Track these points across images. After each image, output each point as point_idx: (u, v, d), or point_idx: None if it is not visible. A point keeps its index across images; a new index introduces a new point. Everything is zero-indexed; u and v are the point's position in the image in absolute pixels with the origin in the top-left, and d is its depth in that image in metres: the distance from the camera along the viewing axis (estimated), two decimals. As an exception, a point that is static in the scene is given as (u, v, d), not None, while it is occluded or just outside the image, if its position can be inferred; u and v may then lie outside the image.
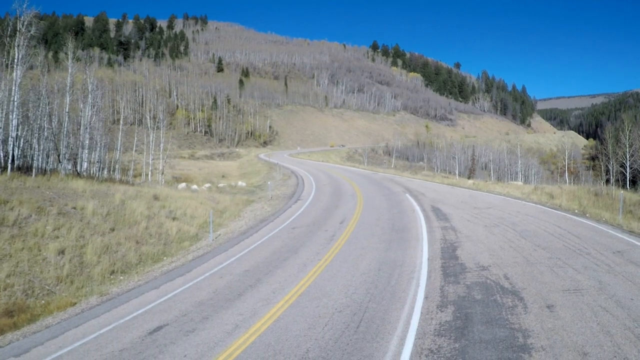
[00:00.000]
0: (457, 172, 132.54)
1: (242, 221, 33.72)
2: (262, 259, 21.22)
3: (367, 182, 57.37)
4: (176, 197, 39.13)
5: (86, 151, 50.91)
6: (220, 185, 60.54)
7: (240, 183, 61.86)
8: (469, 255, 19.19)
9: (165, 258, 24.48)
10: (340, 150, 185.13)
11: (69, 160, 41.40)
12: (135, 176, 73.59)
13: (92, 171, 55.62)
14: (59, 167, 40.90)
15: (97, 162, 54.57)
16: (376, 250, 21.05)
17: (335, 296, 15.09)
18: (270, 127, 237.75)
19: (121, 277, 21.22)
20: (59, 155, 41.78)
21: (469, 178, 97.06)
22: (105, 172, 64.29)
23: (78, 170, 42.24)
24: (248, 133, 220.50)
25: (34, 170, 34.64)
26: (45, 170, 38.49)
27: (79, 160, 46.06)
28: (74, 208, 26.95)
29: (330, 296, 15.14)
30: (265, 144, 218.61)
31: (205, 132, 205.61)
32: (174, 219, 31.50)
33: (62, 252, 21.73)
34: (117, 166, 64.76)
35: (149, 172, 69.96)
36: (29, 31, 37.61)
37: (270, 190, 48.46)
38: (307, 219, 31.71)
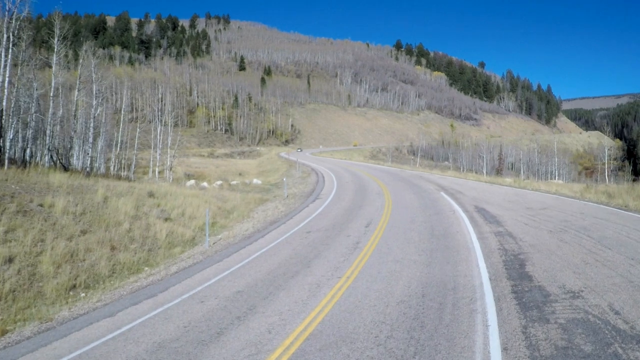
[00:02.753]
0: (484, 172, 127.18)
1: (249, 223, 28.53)
2: (262, 274, 15.97)
3: (394, 179, 51.96)
4: (177, 194, 34.13)
5: (89, 144, 46.53)
6: (233, 182, 55.55)
7: (255, 181, 56.80)
8: (545, 274, 13.86)
9: (145, 269, 19.51)
10: (363, 149, 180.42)
11: (51, 150, 36.53)
12: (145, 173, 69.25)
13: (95, 166, 51.45)
14: (44, 158, 36.40)
15: (89, 155, 49.90)
16: (415, 264, 15.71)
17: (361, 342, 9.78)
18: (292, 125, 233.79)
19: (82, 294, 16.30)
20: (48, 147, 37.21)
21: (497, 177, 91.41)
22: (112, 167, 60.09)
23: (64, 163, 37.28)
24: (269, 131, 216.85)
25: (6, 161, 29.71)
26: (27, 161, 33.84)
27: (64, 152, 41.26)
28: (40, 205, 22.00)
29: (354, 343, 9.82)
30: (287, 142, 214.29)
31: (226, 131, 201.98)
32: (166, 219, 26.44)
33: (10, 260, 16.97)
34: (117, 160, 60.23)
35: (156, 169, 65.32)
36: (22, 12, 35.34)
37: (287, 189, 43.28)
38: (326, 220, 26.34)
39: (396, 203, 31.62)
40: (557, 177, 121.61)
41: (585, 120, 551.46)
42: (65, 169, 34.25)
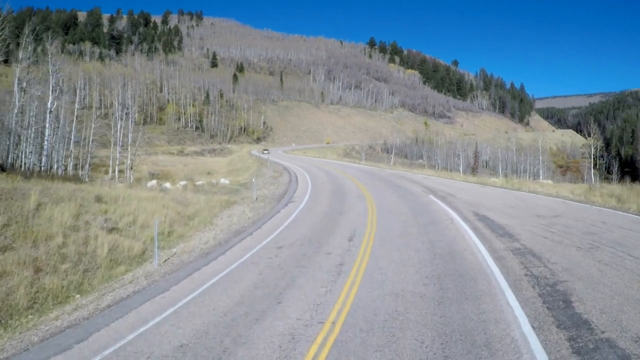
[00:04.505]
0: (461, 170, 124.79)
1: (211, 232, 24.37)
2: (217, 315, 11.82)
3: (374, 179, 48.14)
4: (131, 198, 29.95)
5: (45, 141, 42.54)
6: (199, 183, 51.11)
7: (222, 181, 52.50)
8: (604, 316, 10.02)
9: (76, 296, 15.54)
10: (336, 146, 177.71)
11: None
12: (107, 172, 64.75)
13: (50, 165, 47.43)
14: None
15: (45, 153, 45.76)
16: (422, 300, 11.69)
17: None
18: (264, 123, 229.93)
19: (-14, 336, 12.26)
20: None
21: (472, 176, 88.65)
22: (70, 166, 55.80)
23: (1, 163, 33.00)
24: (241, 129, 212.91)
25: None
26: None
27: (4, 151, 37.02)
28: (-49, 217, 17.87)
29: None
30: (259, 140, 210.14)
31: (197, 128, 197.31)
32: (112, 230, 22.25)
33: None
34: (75, 159, 55.89)
35: (116, 168, 61.00)
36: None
37: (256, 190, 39.14)
38: (300, 231, 22.23)
39: (381, 208, 27.66)
40: (541, 177, 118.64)
41: (557, 118, 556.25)
42: (2, 169, 29.96)
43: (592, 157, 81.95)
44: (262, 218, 27.03)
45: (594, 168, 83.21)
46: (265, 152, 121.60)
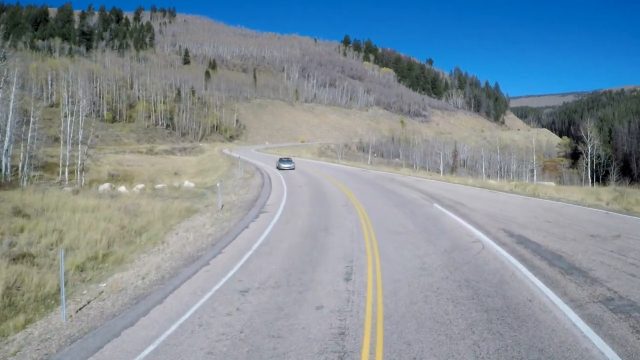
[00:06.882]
0: (441, 169, 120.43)
1: (158, 256, 18.41)
2: None
3: (359, 182, 42.45)
4: (66, 208, 24.04)
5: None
6: (158, 186, 44.86)
7: (187, 183, 46.34)
8: None
9: None
10: (311, 145, 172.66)
11: None
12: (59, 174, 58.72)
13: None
14: None
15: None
16: None
17: None
18: (237, 121, 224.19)
19: None
20: None
21: (452, 175, 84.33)
22: (19, 167, 49.94)
23: None
24: (213, 127, 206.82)
25: None
26: None
27: None
28: None
29: None
30: (231, 138, 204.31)
31: (167, 126, 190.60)
32: (19, 257, 16.30)
33: None
34: (19, 161, 50.03)
35: (66, 169, 54.91)
36: None
37: (223, 195, 33.03)
38: (275, 260, 16.20)
39: (379, 224, 21.71)
40: (535, 177, 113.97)
41: (531, 117, 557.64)
42: None
43: (589, 157, 77.10)
44: (226, 236, 20.93)
45: (590, 170, 78.41)
46: (286, 164, 65.28)
